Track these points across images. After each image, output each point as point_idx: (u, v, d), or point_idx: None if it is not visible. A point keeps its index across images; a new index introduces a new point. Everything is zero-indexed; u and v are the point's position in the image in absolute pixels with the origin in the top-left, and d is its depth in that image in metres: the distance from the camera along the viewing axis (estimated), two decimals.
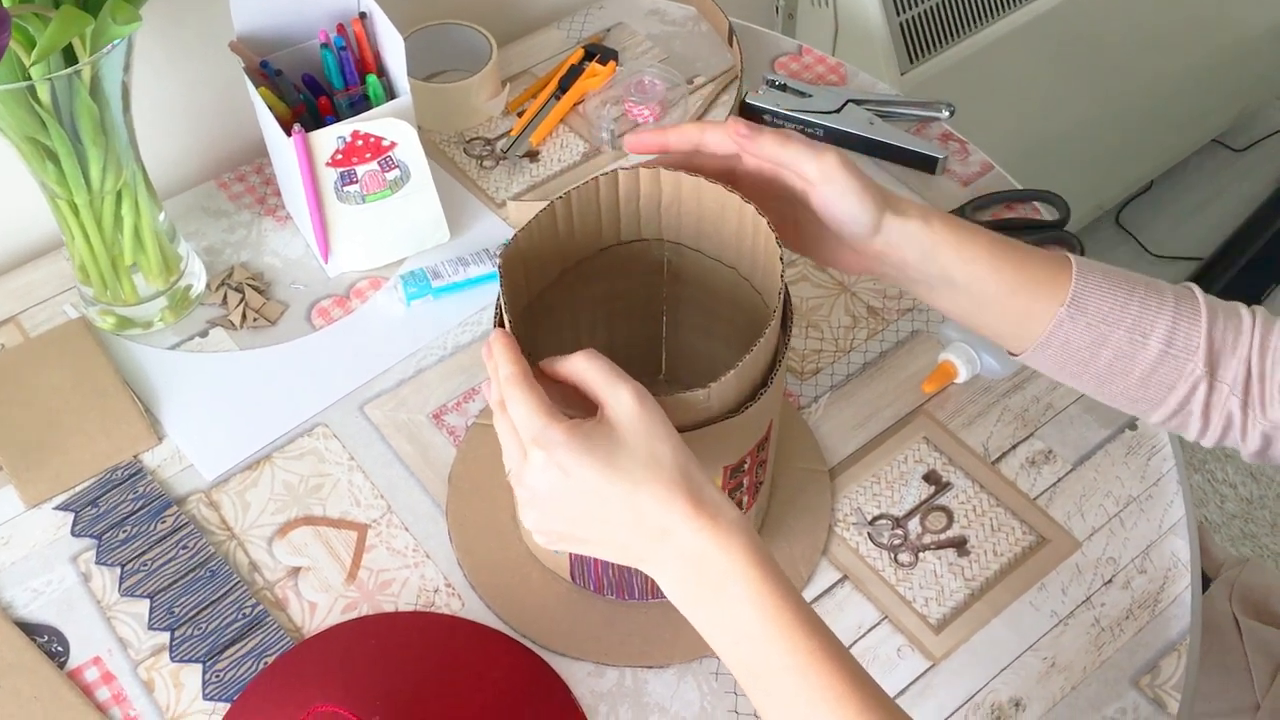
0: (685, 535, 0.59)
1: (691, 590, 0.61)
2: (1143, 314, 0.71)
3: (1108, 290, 0.71)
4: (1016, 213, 1.04)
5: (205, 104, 1.05)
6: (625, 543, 0.62)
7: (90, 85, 0.79)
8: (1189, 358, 0.71)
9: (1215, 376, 0.71)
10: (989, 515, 0.86)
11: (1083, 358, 0.73)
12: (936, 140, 1.09)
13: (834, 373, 0.93)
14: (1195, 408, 0.72)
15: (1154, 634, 0.80)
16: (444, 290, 0.97)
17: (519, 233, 0.70)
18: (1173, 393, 0.72)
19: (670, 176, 0.72)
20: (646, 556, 0.62)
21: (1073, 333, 0.72)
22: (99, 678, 0.78)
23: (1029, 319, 0.72)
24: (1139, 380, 0.73)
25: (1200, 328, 0.70)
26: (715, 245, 0.75)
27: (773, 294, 0.71)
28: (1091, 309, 0.71)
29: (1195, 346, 0.70)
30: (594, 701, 0.77)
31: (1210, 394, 0.72)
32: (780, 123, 1.09)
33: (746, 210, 0.70)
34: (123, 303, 0.94)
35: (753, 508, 0.77)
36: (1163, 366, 0.71)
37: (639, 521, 0.60)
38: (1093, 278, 0.72)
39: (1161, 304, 0.71)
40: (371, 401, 0.92)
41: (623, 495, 0.60)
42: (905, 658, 0.79)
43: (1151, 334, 0.71)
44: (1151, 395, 0.73)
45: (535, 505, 0.63)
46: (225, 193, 1.06)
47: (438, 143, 1.09)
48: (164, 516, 0.85)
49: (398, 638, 0.79)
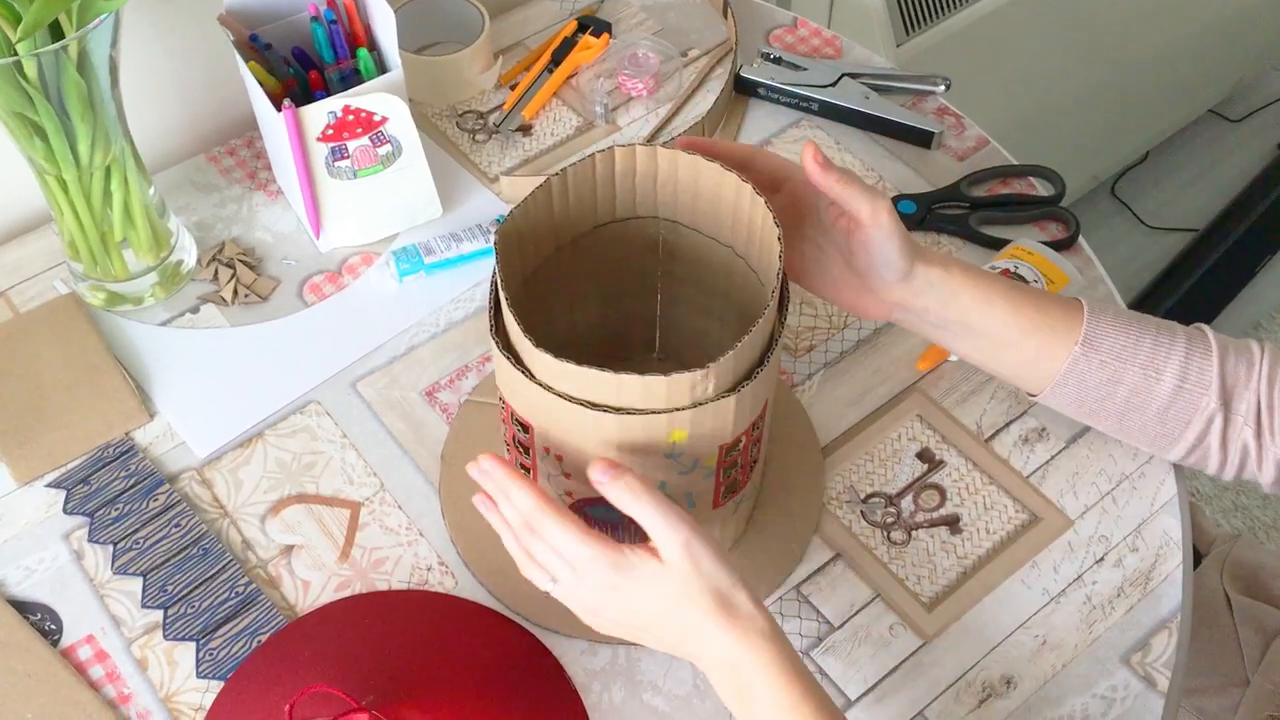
0: (722, 646, 0.65)
1: (729, 689, 0.66)
2: (1155, 351, 0.74)
3: (1120, 329, 0.75)
4: (1011, 188, 1.03)
5: (194, 77, 1.04)
6: (674, 645, 0.67)
7: (77, 61, 0.78)
8: (1203, 392, 0.74)
9: (1231, 410, 0.74)
10: (982, 493, 0.86)
11: (1099, 395, 0.76)
12: (932, 115, 1.08)
13: (828, 349, 0.93)
14: (1213, 442, 0.75)
15: (1145, 612, 0.80)
16: (437, 266, 0.96)
17: (514, 209, 0.70)
18: (1189, 428, 0.75)
19: (667, 154, 0.71)
20: (696, 656, 0.67)
21: (1088, 371, 0.75)
22: (92, 656, 0.78)
23: (1045, 359, 0.76)
24: (1156, 416, 0.76)
25: (1212, 363, 0.74)
26: (711, 223, 0.75)
27: (769, 272, 0.71)
28: (1104, 347, 0.74)
29: (1208, 382, 0.73)
30: (587, 680, 0.78)
31: (1226, 427, 0.74)
32: (775, 97, 1.09)
33: (744, 189, 0.70)
34: (113, 278, 0.93)
35: (747, 486, 0.77)
36: (1178, 401, 0.74)
37: (684, 636, 0.66)
38: (1104, 318, 0.75)
39: (1173, 342, 0.74)
40: (364, 379, 0.91)
41: (668, 613, 0.65)
42: (898, 636, 0.79)
43: (1165, 370, 0.74)
44: (1169, 431, 0.76)
45: (590, 613, 0.68)
46: (215, 167, 1.05)
47: (430, 116, 1.08)
48: (156, 494, 0.85)
49: (391, 617, 0.80)
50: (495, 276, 0.68)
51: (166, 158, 1.05)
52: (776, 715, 0.64)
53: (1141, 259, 2.05)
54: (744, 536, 0.83)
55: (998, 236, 0.98)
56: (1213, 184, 2.16)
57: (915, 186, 1.03)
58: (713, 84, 1.11)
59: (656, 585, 0.64)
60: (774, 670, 0.64)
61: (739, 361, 0.66)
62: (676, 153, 0.71)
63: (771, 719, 0.64)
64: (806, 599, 0.81)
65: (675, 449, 0.68)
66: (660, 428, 0.66)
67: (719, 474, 0.71)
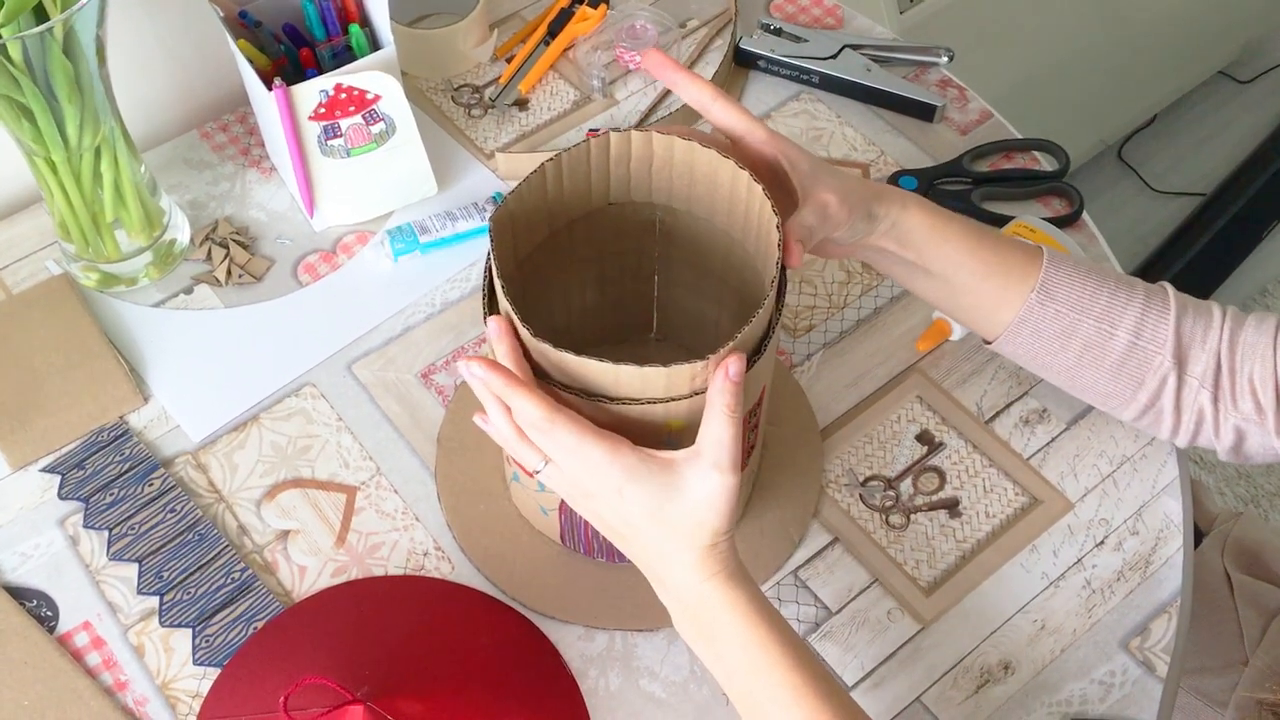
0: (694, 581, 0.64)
1: (692, 625, 0.66)
2: (1111, 305, 0.73)
3: (1077, 280, 0.73)
4: (1015, 163, 1.02)
5: (185, 51, 1.03)
6: (642, 557, 0.66)
7: (63, 42, 0.77)
8: (1157, 350, 0.72)
9: (1184, 370, 0.73)
10: (981, 476, 0.85)
11: (1053, 347, 0.75)
12: (935, 87, 1.07)
13: (827, 329, 0.92)
14: (1165, 403, 0.74)
15: (1145, 596, 0.80)
16: (432, 246, 0.95)
17: (508, 195, 0.69)
18: (1142, 388, 0.74)
19: (663, 140, 0.70)
20: (658, 577, 0.66)
21: (1043, 320, 0.74)
22: (89, 642, 0.78)
23: (1001, 305, 0.75)
24: (1109, 372, 0.74)
25: (1169, 321, 0.72)
26: (708, 208, 0.74)
27: (767, 258, 0.70)
28: (1061, 296, 0.73)
29: (1163, 339, 0.72)
30: (584, 665, 0.77)
31: (1180, 388, 0.73)
32: (775, 69, 1.07)
33: (741, 176, 0.68)
34: (105, 259, 0.92)
35: (745, 470, 0.76)
36: (1131, 359, 0.73)
37: (660, 556, 0.65)
38: (1063, 268, 0.74)
39: (1130, 297, 0.73)
40: (359, 360, 0.91)
41: (657, 534, 0.64)
42: (896, 621, 0.79)
43: (1120, 325, 0.73)
44: (1121, 389, 0.75)
45: (579, 498, 0.66)
46: (208, 143, 1.04)
47: (424, 90, 1.07)
48: (151, 479, 0.84)
49: (387, 602, 0.79)
50: (490, 261, 0.67)
51: (158, 134, 1.04)
52: (743, 653, 0.63)
53: (1148, 224, 2.03)
54: (741, 520, 0.82)
55: (1001, 213, 0.96)
56: (1221, 147, 2.13)
57: (917, 161, 1.02)
58: (712, 56, 1.09)
59: (663, 505, 0.63)
60: (741, 608, 0.63)
61: (747, 337, 0.65)
62: (672, 138, 0.69)
63: (737, 656, 0.63)
64: (804, 584, 0.80)
65: (672, 437, 0.67)
66: (657, 417, 0.65)
67: None
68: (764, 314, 0.65)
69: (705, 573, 0.63)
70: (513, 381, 0.63)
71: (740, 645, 0.63)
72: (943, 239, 0.73)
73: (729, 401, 0.62)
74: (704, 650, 0.66)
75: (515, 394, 0.63)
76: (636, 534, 0.65)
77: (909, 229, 0.73)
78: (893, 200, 0.72)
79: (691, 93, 0.71)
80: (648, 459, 0.63)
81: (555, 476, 0.66)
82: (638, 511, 0.63)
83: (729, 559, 0.64)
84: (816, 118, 1.05)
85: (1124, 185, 2.07)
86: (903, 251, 0.74)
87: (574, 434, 0.62)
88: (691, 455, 0.63)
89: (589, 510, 0.67)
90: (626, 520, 0.64)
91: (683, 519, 0.63)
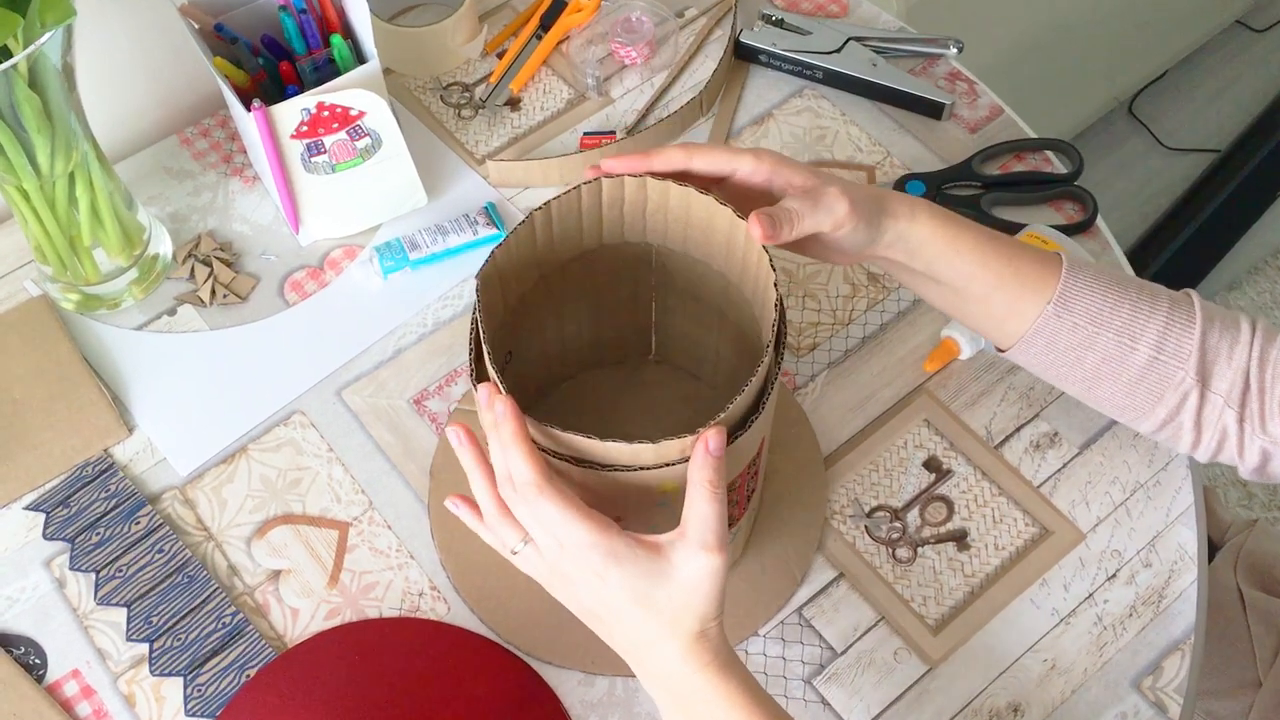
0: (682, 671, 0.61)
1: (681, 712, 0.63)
2: (1134, 318, 0.69)
3: (1098, 291, 0.70)
4: (1026, 164, 0.98)
5: (162, 54, 0.98)
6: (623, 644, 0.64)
7: (28, 76, 0.73)
8: (1179, 365, 0.69)
9: (1207, 387, 0.69)
10: (990, 505, 0.83)
11: (1069, 359, 0.71)
12: (944, 80, 1.02)
13: (832, 348, 0.89)
14: (1185, 419, 0.71)
15: (1157, 632, 0.78)
16: (422, 262, 0.92)
17: (496, 250, 0.66)
18: (1161, 403, 0.71)
19: (657, 185, 0.67)
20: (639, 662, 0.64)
21: (1059, 332, 0.70)
22: (78, 692, 0.77)
23: (1014, 316, 0.71)
24: (1126, 386, 0.71)
25: (1193, 335, 0.69)
26: (704, 251, 0.70)
27: (764, 303, 0.67)
28: (1079, 309, 0.70)
29: (1186, 354, 0.69)
30: (584, 712, 0.76)
31: (1202, 405, 0.70)
32: (777, 64, 1.03)
33: (739, 225, 0.65)
34: (85, 281, 0.89)
35: (744, 518, 0.74)
36: (1151, 373, 0.70)
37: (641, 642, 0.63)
38: (1083, 278, 0.70)
39: (1154, 309, 0.69)
40: (349, 386, 0.88)
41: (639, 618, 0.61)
42: (902, 661, 0.77)
43: (1141, 339, 0.69)
44: (1139, 403, 0.71)
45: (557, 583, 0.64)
46: (189, 150, 1.00)
47: (411, 89, 1.03)
48: (138, 517, 0.82)
49: (381, 647, 0.78)
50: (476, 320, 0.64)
51: (136, 140, 1.00)
52: None
53: (1159, 182, 1.99)
54: (742, 557, 0.80)
55: (1012, 221, 0.93)
56: (1235, 100, 2.08)
57: (925, 163, 0.98)
58: (711, 48, 1.05)
59: (650, 591, 0.60)
60: (737, 700, 0.60)
61: (730, 416, 0.62)
62: (667, 184, 0.66)
63: None
64: (809, 623, 0.78)
65: (666, 498, 0.65)
66: (650, 481, 0.63)
67: None
68: (757, 381, 0.62)
69: (697, 663, 0.60)
70: (520, 434, 0.60)
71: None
72: (953, 251, 0.69)
73: (710, 477, 0.59)
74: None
75: (516, 450, 0.60)
76: (619, 620, 0.62)
77: (918, 241, 0.69)
78: (900, 210, 0.69)
79: (663, 165, 0.66)
80: (634, 544, 0.60)
81: (533, 559, 0.63)
82: (622, 596, 0.60)
83: (720, 647, 0.61)
84: (820, 115, 1.01)
85: (1134, 142, 2.02)
86: (911, 262, 0.70)
87: (560, 508, 0.59)
88: (677, 537, 0.60)
89: (568, 595, 0.64)
90: (609, 605, 0.61)
91: (669, 603, 0.60)
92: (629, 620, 0.61)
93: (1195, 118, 2.05)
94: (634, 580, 0.60)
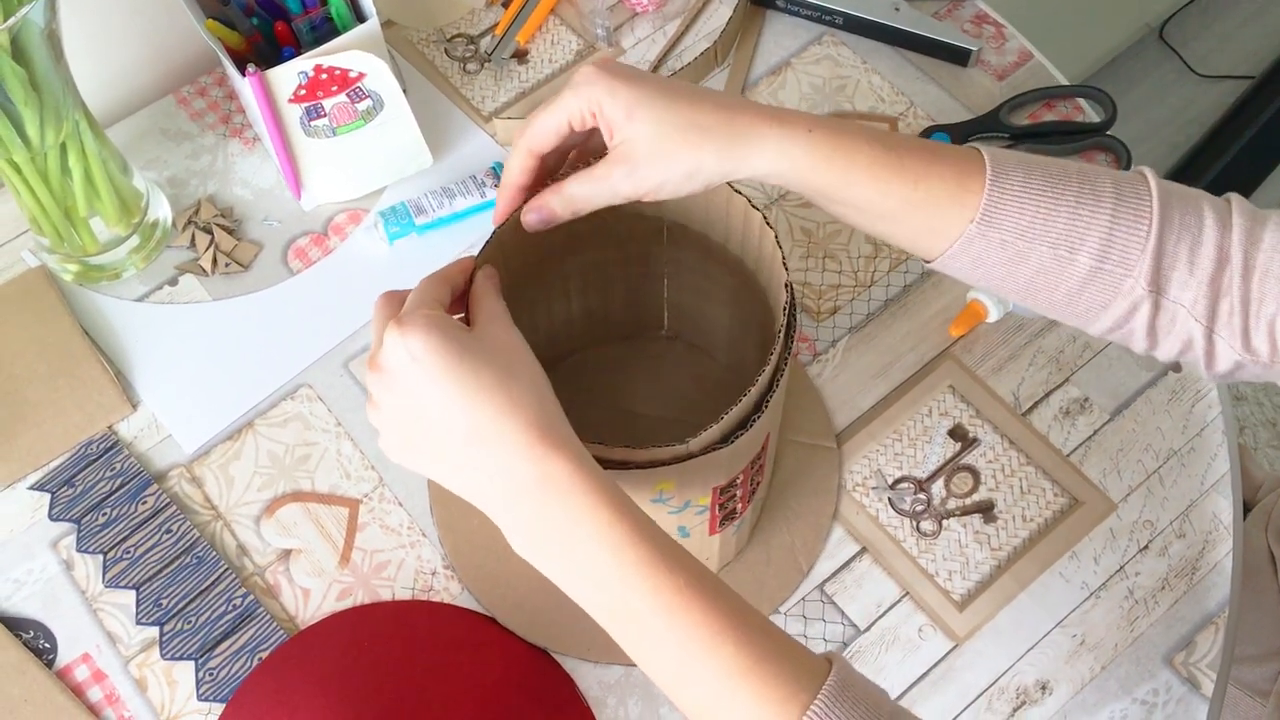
0: (523, 463, 0.52)
1: (536, 531, 0.53)
2: (1072, 225, 0.59)
3: (1028, 200, 0.60)
4: (1056, 112, 0.94)
5: (155, 9, 0.94)
6: (458, 462, 0.54)
7: (11, 48, 0.70)
8: (1126, 274, 0.60)
9: (1163, 294, 0.60)
10: (1018, 475, 0.80)
11: (1000, 274, 0.62)
12: (970, 23, 0.98)
13: (853, 311, 0.86)
14: (1138, 326, 0.62)
15: (1190, 606, 0.76)
16: (428, 227, 0.89)
17: (499, 229, 0.63)
18: (1106, 311, 0.62)
19: None
20: (483, 486, 0.54)
21: (986, 250, 0.61)
22: (89, 676, 0.76)
23: (933, 235, 0.62)
24: (1066, 297, 0.62)
25: (1143, 237, 0.59)
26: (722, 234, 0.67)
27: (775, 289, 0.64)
28: (1007, 224, 0.60)
29: (1132, 262, 0.59)
30: (602, 693, 0.74)
31: (1156, 314, 0.61)
32: (795, 9, 0.98)
33: (754, 215, 0.63)
34: (83, 252, 0.87)
35: (748, 510, 0.71)
36: (1094, 282, 0.61)
37: (473, 433, 0.52)
38: (1010, 187, 0.60)
39: (1096, 210, 0.59)
40: (356, 358, 0.86)
41: (463, 398, 0.52)
42: (927, 639, 0.75)
43: (1081, 248, 0.60)
44: (1082, 311, 0.63)
45: (380, 405, 0.55)
46: (186, 110, 0.97)
47: (414, 42, 0.99)
48: (144, 497, 0.80)
49: (393, 630, 0.76)
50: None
51: (131, 101, 0.97)
52: (607, 559, 0.51)
53: (1191, 111, 1.93)
54: (746, 547, 0.78)
55: None
56: (1269, 24, 2.00)
57: (951, 113, 0.94)
58: None
59: (461, 357, 0.52)
60: (599, 503, 0.51)
61: (729, 421, 0.59)
62: None
63: (601, 565, 0.52)
64: (831, 599, 0.76)
65: (663, 495, 0.63)
66: (644, 481, 0.61)
67: (714, 509, 0.66)
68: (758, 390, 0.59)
69: (543, 449, 0.52)
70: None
71: (598, 540, 0.51)
72: (844, 183, 0.60)
73: None
74: (556, 562, 0.53)
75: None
76: (453, 415, 0.53)
77: (796, 177, 0.60)
78: (765, 140, 0.59)
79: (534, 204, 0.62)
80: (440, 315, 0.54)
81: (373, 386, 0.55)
82: (438, 372, 0.52)
83: (578, 448, 0.53)
84: (840, 64, 0.97)
85: (1165, 69, 1.96)
86: (803, 189, 0.61)
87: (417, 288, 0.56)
88: None
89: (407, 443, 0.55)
90: (443, 400, 0.53)
91: (486, 370, 0.53)
92: (454, 408, 0.53)
93: (1227, 43, 1.98)
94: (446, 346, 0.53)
